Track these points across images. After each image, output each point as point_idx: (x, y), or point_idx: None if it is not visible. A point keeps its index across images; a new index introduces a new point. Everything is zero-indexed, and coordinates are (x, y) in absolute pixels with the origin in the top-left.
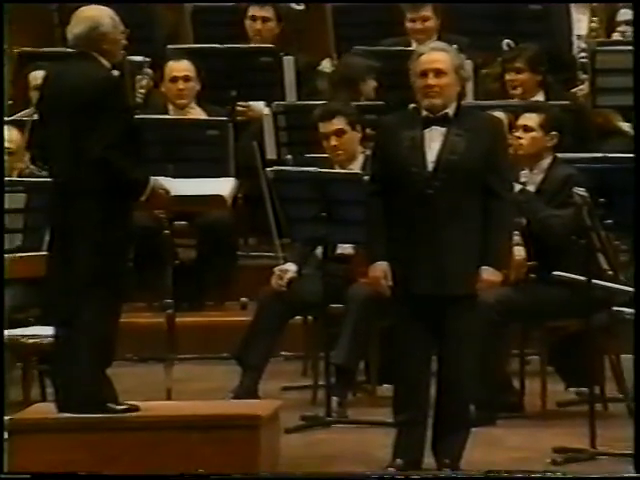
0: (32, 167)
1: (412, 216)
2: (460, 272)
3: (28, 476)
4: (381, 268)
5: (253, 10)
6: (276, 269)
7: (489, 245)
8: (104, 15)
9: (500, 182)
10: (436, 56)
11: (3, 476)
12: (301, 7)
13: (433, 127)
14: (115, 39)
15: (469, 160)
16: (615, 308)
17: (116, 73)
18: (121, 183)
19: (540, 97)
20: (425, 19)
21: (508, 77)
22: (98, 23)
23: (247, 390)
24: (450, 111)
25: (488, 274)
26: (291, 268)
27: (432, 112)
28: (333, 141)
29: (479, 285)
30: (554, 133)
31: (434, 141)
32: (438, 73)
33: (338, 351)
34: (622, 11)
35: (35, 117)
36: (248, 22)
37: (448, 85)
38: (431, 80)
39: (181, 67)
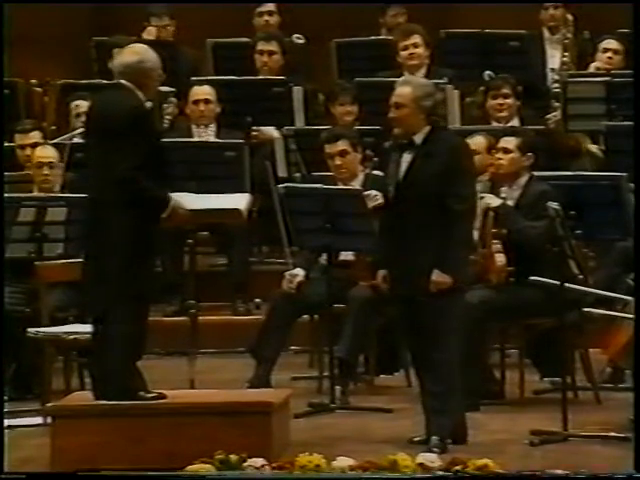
0: None
1: (390, 228)
2: (421, 276)
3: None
4: (381, 274)
5: (261, 45)
6: (286, 273)
7: (440, 252)
8: (150, 53)
9: (453, 197)
10: (398, 90)
11: (3, 476)
12: (302, 41)
13: (406, 152)
14: (152, 76)
15: (425, 180)
16: (585, 309)
17: (149, 104)
18: (144, 200)
19: (516, 122)
20: (415, 45)
21: (495, 102)
22: (143, 58)
23: (261, 380)
24: (417, 138)
25: (437, 276)
26: (300, 273)
27: (404, 139)
28: (337, 161)
29: (430, 286)
30: (530, 154)
31: (405, 164)
32: (397, 106)
33: (341, 346)
34: (606, 41)
35: (74, 141)
36: (257, 56)
37: (407, 116)
38: (391, 113)
39: (203, 91)
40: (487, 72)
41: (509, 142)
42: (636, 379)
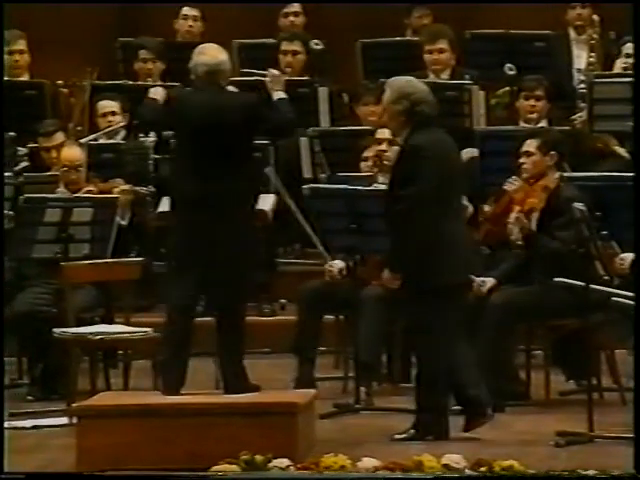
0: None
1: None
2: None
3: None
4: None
5: (284, 45)
6: (327, 265)
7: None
8: None
9: (398, 198)
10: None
11: (3, 476)
12: (320, 47)
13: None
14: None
15: (392, 181)
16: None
17: None
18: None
19: (544, 124)
20: (441, 51)
21: (527, 103)
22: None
23: (306, 380)
24: (400, 139)
25: (385, 273)
26: (340, 263)
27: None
28: (384, 146)
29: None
30: (553, 153)
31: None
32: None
33: (358, 349)
34: (628, 44)
35: (100, 141)
36: (280, 56)
37: (387, 120)
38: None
39: None
40: (508, 65)
41: (530, 145)
42: (636, 380)
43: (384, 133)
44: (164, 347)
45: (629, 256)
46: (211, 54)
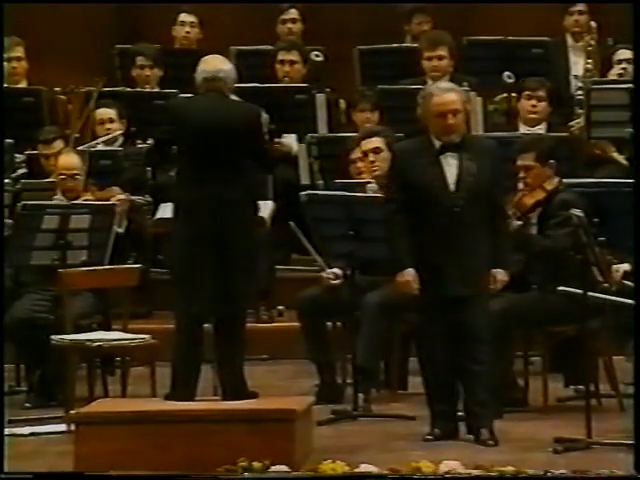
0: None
1: (438, 229)
2: (479, 275)
3: (29, 476)
4: (410, 273)
5: (282, 55)
6: (327, 271)
7: (498, 249)
8: None
9: (502, 196)
10: (449, 97)
11: (3, 476)
12: (320, 58)
13: (447, 153)
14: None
15: (481, 180)
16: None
17: None
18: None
19: (543, 127)
20: (440, 58)
21: (528, 102)
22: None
23: (328, 385)
24: (458, 140)
25: (501, 275)
26: (338, 271)
27: (445, 141)
28: (371, 157)
29: (493, 285)
30: (552, 162)
31: (451, 165)
32: (455, 113)
33: (357, 354)
34: (620, 51)
35: (98, 148)
36: (278, 65)
37: (463, 121)
38: (450, 120)
39: None
40: (506, 73)
41: (527, 158)
42: (636, 382)
43: (369, 143)
44: (176, 356)
45: (622, 267)
46: (210, 63)
